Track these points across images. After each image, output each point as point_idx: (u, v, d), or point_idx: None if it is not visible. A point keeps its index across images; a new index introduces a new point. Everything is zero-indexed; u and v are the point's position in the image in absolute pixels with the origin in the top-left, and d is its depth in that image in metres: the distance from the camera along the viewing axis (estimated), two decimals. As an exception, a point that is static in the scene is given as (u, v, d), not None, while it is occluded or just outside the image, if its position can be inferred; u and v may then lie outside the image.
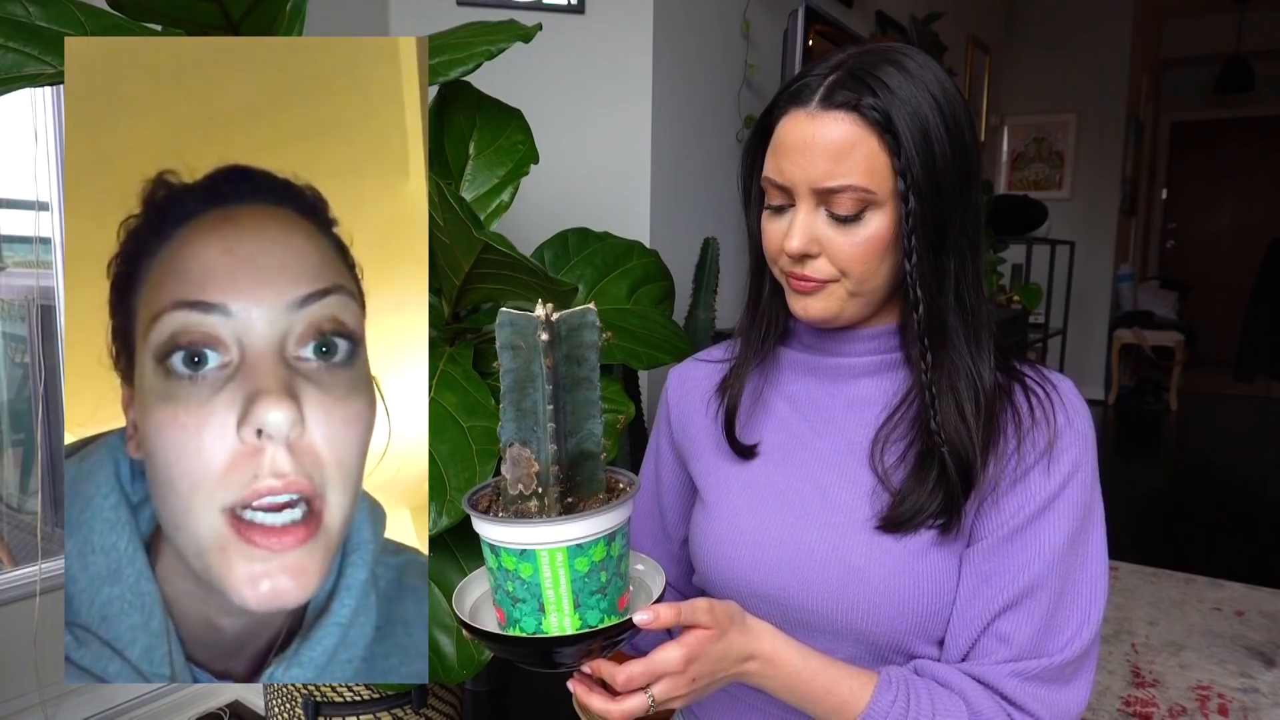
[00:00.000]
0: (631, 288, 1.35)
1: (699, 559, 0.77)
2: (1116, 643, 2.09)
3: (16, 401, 1.57)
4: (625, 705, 0.57)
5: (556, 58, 1.79)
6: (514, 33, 1.12)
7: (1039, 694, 0.63)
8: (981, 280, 0.69)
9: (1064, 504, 0.65)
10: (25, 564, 1.48)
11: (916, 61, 0.66)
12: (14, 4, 0.91)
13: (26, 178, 1.42)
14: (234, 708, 1.66)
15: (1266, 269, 4.55)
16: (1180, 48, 6.17)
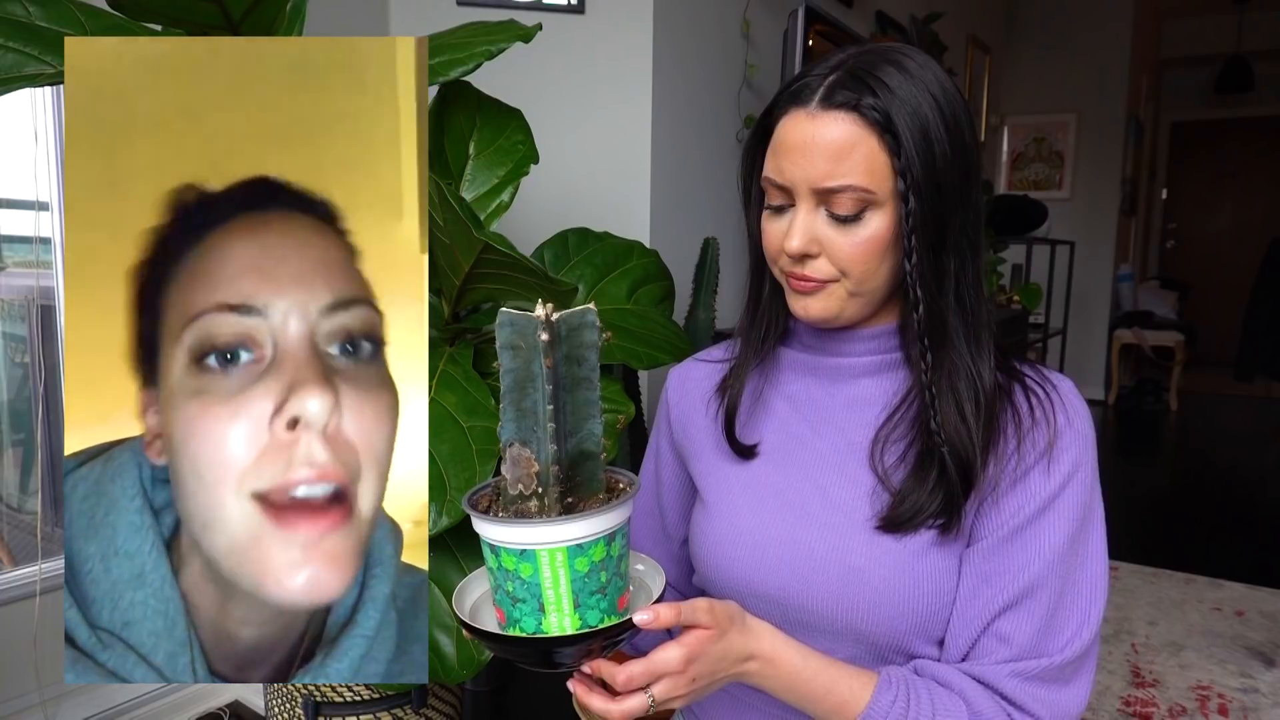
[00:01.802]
0: (631, 288, 1.35)
1: (699, 559, 0.77)
2: (1116, 643, 2.09)
3: (16, 401, 1.57)
4: (625, 705, 0.57)
5: (556, 58, 1.79)
6: (514, 33, 1.12)
7: (1039, 694, 0.63)
8: (981, 280, 0.69)
9: (1064, 504, 0.65)
10: (25, 564, 1.48)
11: (916, 61, 0.66)
12: (14, 4, 0.91)
13: (26, 178, 1.42)
14: (234, 708, 1.66)
15: (1266, 269, 4.55)
16: (1180, 48, 6.17)
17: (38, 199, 1.43)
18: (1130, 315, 5.07)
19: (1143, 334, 4.98)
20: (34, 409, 1.49)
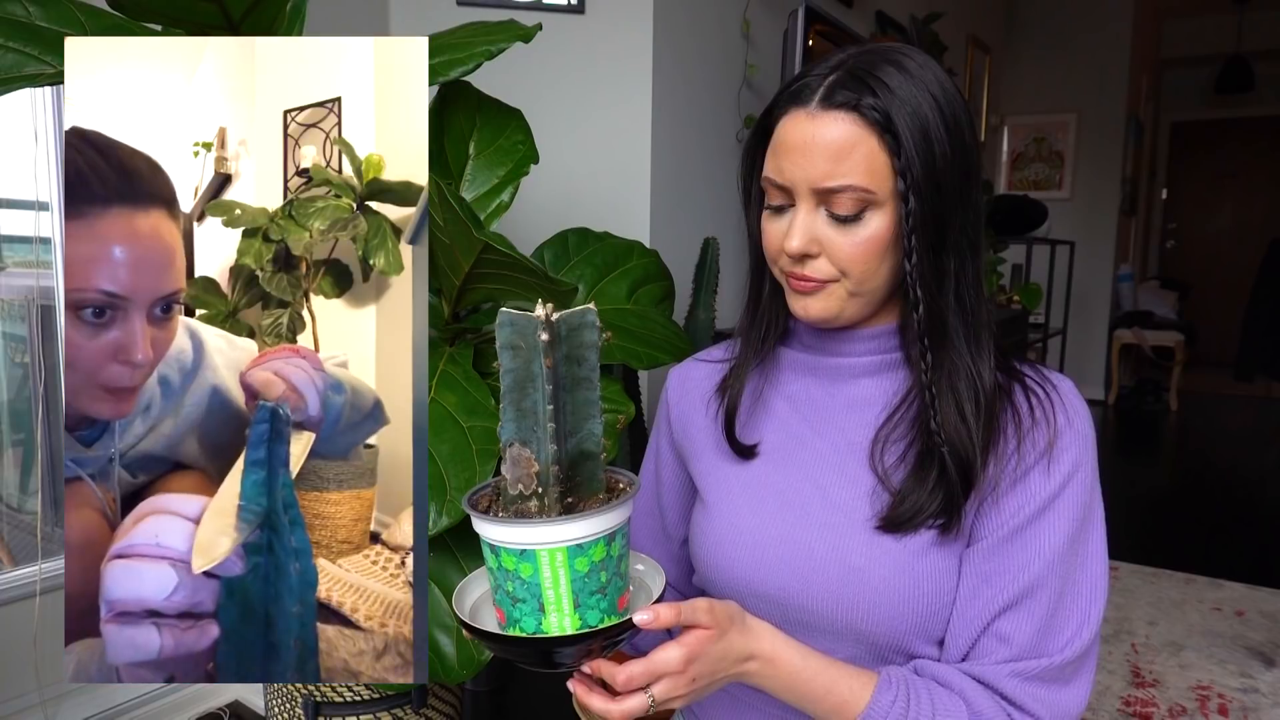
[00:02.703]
0: (631, 288, 1.35)
1: (699, 559, 0.77)
2: (1116, 643, 2.09)
3: (16, 401, 1.57)
4: (625, 705, 0.57)
5: (556, 58, 1.79)
6: (514, 33, 1.12)
7: (1039, 694, 0.63)
8: (981, 280, 0.69)
9: (1064, 504, 0.65)
10: (25, 564, 1.48)
11: (916, 61, 0.65)
12: (14, 4, 0.91)
13: (26, 178, 1.42)
14: (234, 708, 1.66)
15: (1266, 269, 4.55)
16: (1180, 48, 6.17)
17: (38, 199, 1.43)
18: (1130, 315, 5.07)
19: (1143, 334, 4.98)
20: (34, 409, 1.49)
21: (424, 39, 0.76)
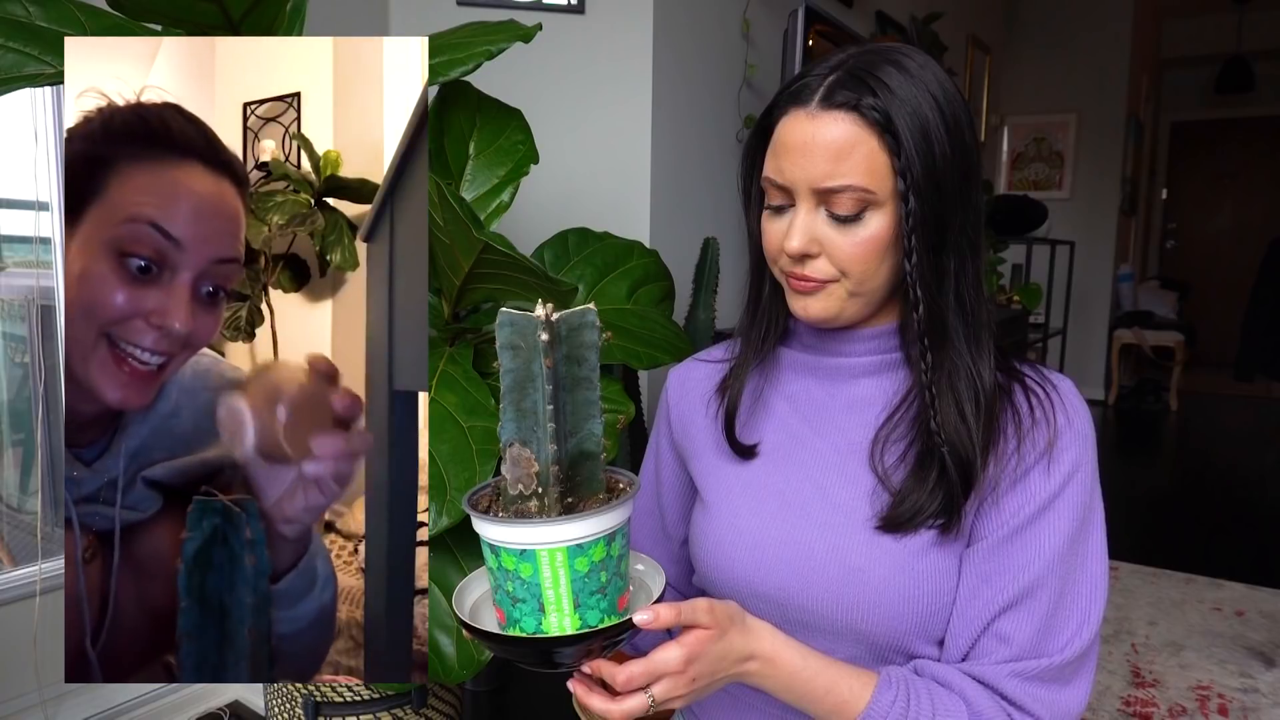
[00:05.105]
0: (631, 288, 1.35)
1: (699, 559, 0.77)
2: (1116, 643, 2.09)
3: (16, 401, 1.57)
4: (625, 705, 0.57)
5: (556, 58, 1.79)
6: (514, 33, 1.12)
7: (1039, 694, 0.63)
8: (981, 280, 0.69)
9: (1064, 504, 0.65)
10: (25, 564, 1.48)
11: (917, 61, 0.65)
12: (14, 4, 0.91)
13: (26, 178, 1.42)
14: (234, 708, 1.66)
15: (1266, 269, 4.55)
16: (1180, 48, 6.17)
17: (38, 199, 1.43)
18: (1130, 315, 5.07)
19: (1143, 334, 4.98)
20: (34, 409, 1.49)
21: (423, 39, 0.76)
